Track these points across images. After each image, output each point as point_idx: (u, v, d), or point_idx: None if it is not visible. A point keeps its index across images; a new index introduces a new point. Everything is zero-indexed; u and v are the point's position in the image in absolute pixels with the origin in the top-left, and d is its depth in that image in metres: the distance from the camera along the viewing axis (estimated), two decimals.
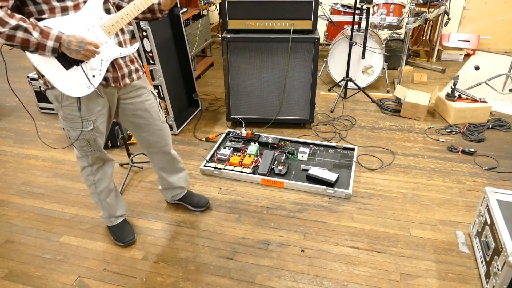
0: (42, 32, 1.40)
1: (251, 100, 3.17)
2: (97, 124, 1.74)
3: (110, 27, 1.55)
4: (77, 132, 1.72)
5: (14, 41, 1.38)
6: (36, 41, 1.39)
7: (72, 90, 1.57)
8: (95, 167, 1.93)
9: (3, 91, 4.18)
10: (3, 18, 1.34)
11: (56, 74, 1.52)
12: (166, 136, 2.02)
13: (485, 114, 3.28)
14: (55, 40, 1.42)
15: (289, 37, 2.87)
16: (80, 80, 1.56)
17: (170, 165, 2.16)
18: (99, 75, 1.60)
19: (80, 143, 1.77)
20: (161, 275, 1.92)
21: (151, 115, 1.89)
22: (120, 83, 1.71)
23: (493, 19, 5.08)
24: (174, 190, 2.28)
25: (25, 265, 1.99)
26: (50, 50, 1.43)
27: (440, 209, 2.33)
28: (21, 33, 1.37)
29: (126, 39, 1.71)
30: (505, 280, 1.65)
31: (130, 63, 1.74)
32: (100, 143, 1.83)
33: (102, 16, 1.54)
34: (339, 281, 1.87)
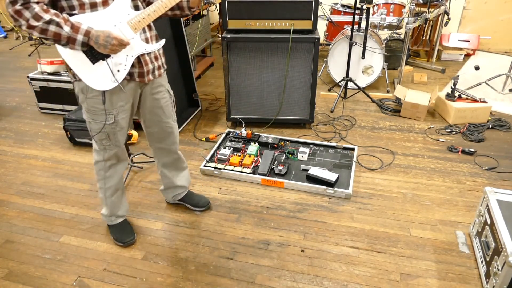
0: (73, 26, 1.48)
1: (251, 100, 3.17)
2: (118, 118, 1.78)
3: (136, 24, 1.59)
4: (98, 125, 1.77)
5: (47, 35, 1.47)
6: (67, 35, 1.47)
7: (97, 83, 1.64)
8: (108, 163, 1.95)
9: (3, 91, 4.18)
10: (38, 13, 1.43)
11: (83, 68, 1.61)
12: (175, 135, 2.07)
13: (485, 114, 3.28)
14: (84, 34, 1.49)
15: (289, 37, 2.87)
16: (106, 74, 1.63)
17: (174, 163, 2.18)
18: (123, 70, 1.65)
19: (100, 136, 1.81)
20: (161, 275, 1.92)
21: (164, 113, 1.94)
22: (145, 79, 1.75)
23: (493, 19, 5.08)
24: (175, 189, 2.28)
25: (25, 265, 1.99)
26: (79, 44, 1.51)
27: (440, 209, 2.33)
28: (53, 27, 1.45)
29: (152, 36, 1.76)
30: (505, 280, 1.65)
31: (155, 59, 1.78)
32: (120, 138, 1.86)
33: (129, 12, 1.58)
34: (339, 281, 1.87)
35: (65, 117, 3.02)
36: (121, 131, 1.84)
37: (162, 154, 2.12)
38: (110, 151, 1.89)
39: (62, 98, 3.52)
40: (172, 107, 1.99)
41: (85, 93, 1.70)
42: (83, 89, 1.69)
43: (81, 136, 3.01)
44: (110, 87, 1.65)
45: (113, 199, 2.07)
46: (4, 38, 6.43)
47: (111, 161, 1.94)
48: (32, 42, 5.97)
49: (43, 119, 3.54)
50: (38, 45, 5.75)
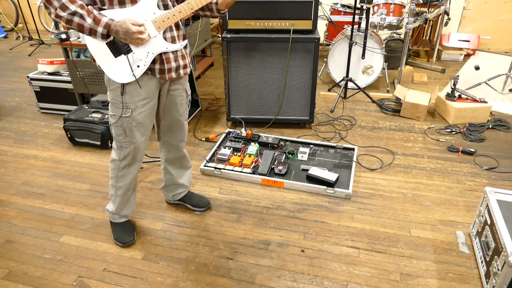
0: (95, 19, 1.55)
1: (251, 100, 3.17)
2: (135, 113, 1.79)
3: (160, 23, 1.62)
4: (115, 118, 1.81)
5: (72, 25, 1.56)
6: (89, 27, 1.55)
7: (118, 76, 1.70)
8: (123, 163, 1.95)
9: (3, 91, 4.18)
10: (65, 3, 1.52)
11: (106, 60, 1.68)
12: (185, 132, 2.11)
13: (485, 114, 3.28)
14: (104, 27, 1.56)
15: (289, 37, 2.87)
16: (125, 68, 1.68)
17: (179, 161, 2.21)
18: (143, 66, 1.68)
19: (117, 130, 1.84)
20: (161, 275, 1.92)
21: (178, 110, 1.97)
22: (166, 76, 1.77)
23: (493, 19, 5.08)
24: (176, 187, 2.28)
25: (25, 265, 1.99)
26: (100, 35, 1.58)
27: (440, 209, 2.33)
28: (77, 18, 1.54)
29: (180, 35, 1.78)
30: (505, 280, 1.65)
31: (182, 58, 1.80)
32: (137, 135, 1.86)
33: (155, 11, 1.62)
34: (339, 281, 1.87)
35: (65, 117, 3.02)
36: (138, 127, 1.84)
37: (169, 149, 2.14)
38: (125, 149, 1.89)
39: (62, 98, 3.52)
40: (187, 106, 2.03)
41: (108, 85, 1.77)
42: (107, 80, 1.76)
43: (81, 136, 3.01)
44: (128, 80, 1.70)
45: (122, 199, 2.08)
46: (4, 38, 6.43)
47: (125, 161, 1.95)
48: (32, 42, 5.98)
49: (43, 119, 3.54)
50: (38, 45, 5.76)
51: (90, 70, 3.30)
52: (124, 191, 2.05)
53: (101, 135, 2.94)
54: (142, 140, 1.90)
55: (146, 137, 1.92)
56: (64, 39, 3.24)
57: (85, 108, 3.15)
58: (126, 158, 1.93)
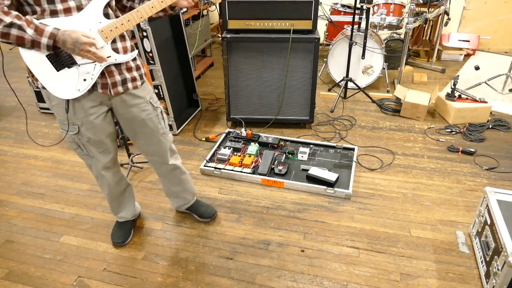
0: (37, 29, 1.37)
1: (251, 100, 3.17)
2: (83, 129, 1.68)
3: (108, 32, 1.50)
4: (64, 134, 1.72)
5: (9, 39, 1.36)
6: (31, 39, 1.37)
7: (61, 91, 1.54)
8: (94, 174, 1.91)
9: (3, 91, 4.18)
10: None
11: (46, 75, 1.51)
12: (165, 148, 1.92)
13: (485, 114, 3.28)
14: (49, 37, 1.39)
15: (289, 37, 2.87)
16: (70, 82, 1.53)
17: (171, 175, 2.06)
18: (90, 79, 1.55)
19: (71, 145, 1.76)
20: (161, 275, 1.92)
21: (147, 126, 1.80)
22: (111, 91, 1.63)
23: (493, 19, 5.08)
24: (177, 199, 2.23)
25: (25, 265, 1.99)
26: (45, 47, 1.41)
27: (440, 209, 2.33)
28: (15, 30, 1.35)
29: (127, 46, 1.64)
30: (505, 280, 1.65)
31: (127, 71, 1.65)
32: (92, 149, 1.77)
33: (101, 20, 1.49)
34: (339, 281, 1.87)
35: None
36: (90, 142, 1.74)
37: (156, 166, 2.02)
38: (86, 161, 1.84)
39: None
40: (160, 119, 1.84)
41: (50, 100, 1.64)
42: (47, 95, 1.62)
43: None
44: (74, 96, 1.55)
45: (112, 204, 2.08)
46: None
47: (95, 171, 1.88)
48: None
49: (43, 119, 3.54)
50: None
51: None
52: (109, 199, 2.04)
53: None
54: (99, 154, 1.80)
55: (104, 151, 1.81)
56: None
57: None
58: (92, 167, 1.87)
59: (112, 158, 1.88)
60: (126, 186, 2.08)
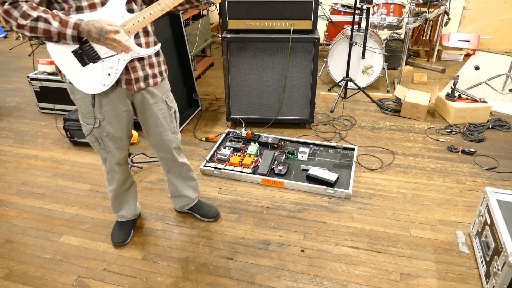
0: (61, 21, 1.43)
1: (251, 100, 3.17)
2: (104, 123, 1.73)
3: (130, 27, 1.53)
4: (86, 127, 1.77)
5: (37, 33, 1.43)
6: (57, 31, 1.43)
7: (86, 86, 1.59)
8: (106, 167, 1.95)
9: (3, 91, 4.18)
10: (26, 11, 1.40)
11: (72, 71, 1.57)
12: (175, 147, 1.98)
13: (485, 114, 3.28)
14: (73, 28, 1.44)
15: (289, 37, 2.87)
16: (95, 77, 1.58)
17: (179, 170, 2.11)
18: (114, 74, 1.59)
19: (90, 138, 1.81)
20: (161, 275, 1.92)
21: (161, 124, 1.86)
22: (134, 87, 1.67)
23: (493, 19, 5.08)
24: (182, 199, 2.22)
25: (25, 265, 1.99)
26: (70, 39, 1.46)
27: (440, 209, 2.33)
28: (42, 23, 1.41)
29: (149, 41, 1.67)
30: (505, 280, 1.65)
31: (149, 67, 1.70)
32: (109, 144, 1.81)
33: (123, 15, 1.52)
34: (339, 281, 1.87)
35: (65, 117, 3.02)
36: (109, 137, 1.78)
37: (165, 161, 2.07)
38: (102, 155, 1.88)
39: (62, 98, 3.52)
40: (172, 118, 1.90)
41: (74, 94, 1.69)
42: (71, 89, 1.67)
43: (81, 136, 3.01)
44: (99, 91, 1.59)
45: (114, 200, 2.09)
46: (4, 38, 6.43)
47: (107, 167, 1.93)
48: (32, 42, 5.97)
49: (43, 119, 3.54)
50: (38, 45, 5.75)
51: None
52: (114, 195, 2.05)
53: None
54: (116, 149, 1.84)
55: (120, 147, 1.85)
56: None
57: None
58: (106, 161, 1.91)
59: (126, 155, 1.94)
60: (131, 183, 2.11)
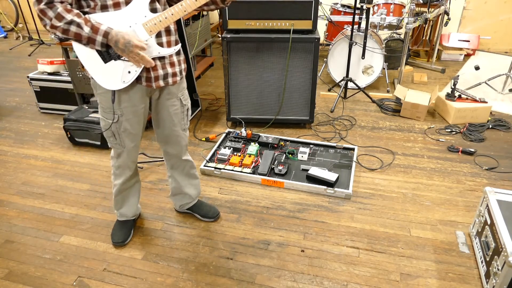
0: (92, 27, 1.50)
1: (251, 100, 3.17)
2: (122, 119, 1.76)
3: (152, 26, 1.56)
4: (104, 122, 1.80)
5: (68, 35, 1.51)
6: (87, 36, 1.50)
7: (107, 82, 1.64)
8: (118, 162, 1.96)
9: (3, 91, 4.18)
10: (60, 13, 1.47)
11: (94, 66, 1.62)
12: (183, 144, 2.03)
13: (485, 114, 3.28)
14: (103, 36, 1.51)
15: (289, 37, 2.87)
16: (116, 74, 1.63)
17: (183, 167, 2.13)
18: (134, 71, 1.63)
19: (107, 133, 1.83)
20: (161, 275, 1.92)
21: (172, 120, 1.90)
22: (153, 85, 1.71)
23: (493, 19, 5.08)
24: (183, 197, 2.23)
25: (25, 265, 1.99)
26: (99, 45, 1.53)
27: (440, 209, 2.33)
28: (74, 27, 1.49)
29: (171, 41, 1.70)
30: (505, 280, 1.65)
31: (170, 66, 1.73)
32: (126, 140, 1.84)
33: (146, 14, 1.56)
34: (339, 281, 1.87)
35: (65, 117, 3.02)
36: (126, 133, 1.81)
37: (169, 157, 2.09)
38: (117, 150, 1.90)
39: (62, 98, 3.52)
40: (184, 115, 1.95)
41: (96, 89, 1.74)
42: (94, 84, 1.73)
43: (81, 136, 3.01)
44: (119, 87, 1.65)
45: (117, 197, 2.09)
46: (4, 38, 6.43)
47: (119, 161, 1.95)
48: (32, 42, 5.98)
49: (43, 119, 3.54)
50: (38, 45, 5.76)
51: None
52: (119, 189, 2.05)
53: (101, 135, 2.94)
54: (132, 146, 1.87)
55: (135, 144, 1.89)
56: (64, 39, 3.24)
57: (85, 108, 3.15)
58: (120, 156, 1.92)
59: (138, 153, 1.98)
60: (136, 181, 2.12)
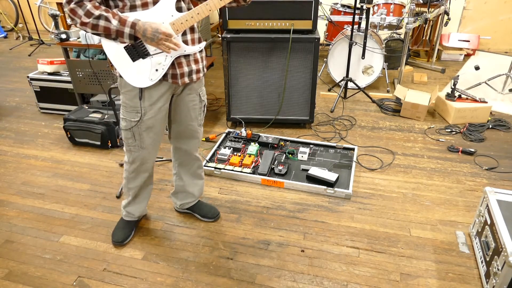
0: (120, 20, 1.53)
1: (251, 100, 3.17)
2: (145, 117, 1.77)
3: (178, 25, 1.60)
4: (126, 122, 1.80)
5: (98, 30, 1.54)
6: (115, 29, 1.53)
7: (136, 80, 1.68)
8: (132, 167, 1.95)
9: (3, 91, 4.18)
10: (90, 10, 1.51)
11: (123, 65, 1.66)
12: (197, 139, 2.05)
13: (485, 114, 3.28)
14: (130, 27, 1.54)
15: (289, 37, 2.87)
16: (144, 72, 1.67)
17: (191, 165, 2.14)
18: (161, 69, 1.67)
19: (126, 134, 1.83)
20: (161, 275, 1.92)
21: (189, 115, 1.93)
22: (179, 81, 1.74)
23: (493, 19, 5.08)
24: (185, 196, 2.23)
25: (25, 265, 1.99)
26: (127, 37, 1.56)
27: (440, 209, 2.33)
28: (103, 21, 1.52)
29: (195, 38, 1.75)
30: (505, 280, 1.65)
31: (194, 63, 1.76)
32: (146, 140, 1.84)
33: (173, 14, 1.60)
34: (339, 281, 1.87)
35: (65, 117, 3.02)
36: (147, 132, 1.82)
37: (181, 153, 2.09)
38: (134, 153, 1.88)
39: (62, 98, 3.52)
40: (201, 111, 1.99)
41: (121, 88, 1.76)
42: (120, 83, 1.75)
43: (81, 136, 3.01)
44: (146, 85, 1.68)
45: (132, 198, 2.10)
46: (4, 38, 6.43)
47: (134, 165, 1.94)
48: (32, 42, 5.98)
49: (43, 119, 3.54)
50: (38, 45, 5.76)
51: (90, 70, 3.30)
52: (135, 192, 2.06)
53: (101, 135, 2.94)
54: (152, 145, 1.88)
55: (155, 144, 1.89)
56: (64, 39, 3.24)
57: (85, 108, 3.15)
58: (135, 162, 1.92)
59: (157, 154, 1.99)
60: (151, 183, 2.13)
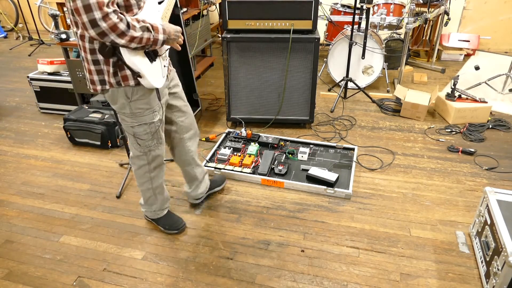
0: (153, 27, 1.47)
1: (251, 100, 3.17)
2: (160, 113, 1.80)
3: (166, 17, 1.66)
4: (143, 127, 1.76)
5: (142, 43, 1.43)
6: (153, 38, 1.47)
7: (156, 81, 1.65)
8: (153, 165, 1.95)
9: (3, 91, 4.18)
10: (131, 22, 1.37)
11: (147, 69, 1.58)
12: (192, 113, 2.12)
13: (485, 114, 3.28)
14: (163, 33, 1.51)
15: (289, 37, 2.87)
16: (159, 71, 1.67)
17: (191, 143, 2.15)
18: (166, 65, 1.72)
19: (146, 137, 1.81)
20: (161, 275, 1.92)
21: (183, 100, 2.00)
22: (170, 72, 1.82)
23: (493, 19, 5.08)
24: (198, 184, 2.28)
25: (25, 265, 1.99)
26: (161, 43, 1.53)
27: (440, 209, 2.33)
28: (147, 33, 1.44)
29: None
30: (505, 280, 1.65)
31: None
32: (161, 133, 1.88)
33: (159, 9, 1.62)
34: (339, 281, 1.87)
35: (65, 117, 3.02)
36: (162, 126, 1.87)
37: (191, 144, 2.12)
38: (154, 151, 1.88)
39: (62, 98, 3.52)
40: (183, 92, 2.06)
41: (130, 97, 1.65)
42: (127, 93, 1.64)
43: (81, 136, 3.01)
44: (162, 83, 1.69)
45: (162, 196, 2.10)
46: (4, 38, 6.43)
47: (155, 163, 1.95)
48: (32, 42, 5.98)
49: (43, 119, 3.54)
50: (38, 45, 5.76)
51: None
52: (161, 188, 2.07)
53: (101, 135, 2.94)
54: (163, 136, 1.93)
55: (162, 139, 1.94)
56: (64, 39, 3.24)
57: (85, 108, 3.15)
58: (155, 160, 1.93)
59: None
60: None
